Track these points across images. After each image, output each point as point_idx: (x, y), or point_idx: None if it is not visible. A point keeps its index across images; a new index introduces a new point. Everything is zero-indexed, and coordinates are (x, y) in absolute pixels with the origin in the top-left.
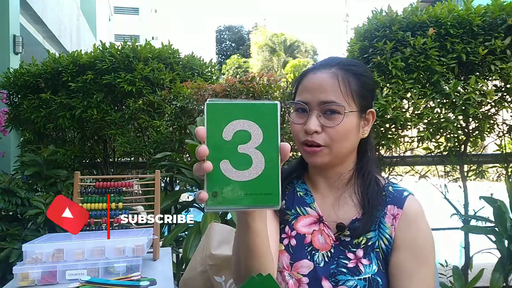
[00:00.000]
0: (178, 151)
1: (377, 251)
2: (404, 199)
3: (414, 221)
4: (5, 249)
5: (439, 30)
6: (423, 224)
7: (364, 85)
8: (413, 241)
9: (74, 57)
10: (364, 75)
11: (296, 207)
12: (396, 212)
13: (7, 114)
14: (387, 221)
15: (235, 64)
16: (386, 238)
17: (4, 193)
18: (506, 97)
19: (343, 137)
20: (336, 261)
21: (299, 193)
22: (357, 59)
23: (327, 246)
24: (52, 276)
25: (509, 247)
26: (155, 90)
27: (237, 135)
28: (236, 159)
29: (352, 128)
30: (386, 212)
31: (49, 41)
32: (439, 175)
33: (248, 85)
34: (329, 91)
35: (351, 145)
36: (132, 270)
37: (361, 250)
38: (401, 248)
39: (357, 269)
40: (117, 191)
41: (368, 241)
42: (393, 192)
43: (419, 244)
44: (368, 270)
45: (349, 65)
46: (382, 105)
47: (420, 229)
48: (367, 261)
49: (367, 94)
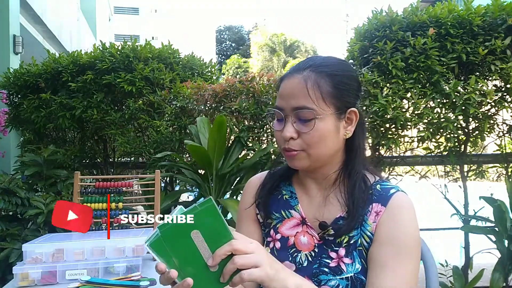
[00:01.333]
0: (178, 151)
1: (360, 250)
2: (390, 196)
3: (395, 215)
4: (5, 249)
5: (439, 30)
6: (405, 218)
7: (337, 84)
8: (391, 234)
9: (74, 57)
10: (337, 75)
11: (281, 210)
12: (380, 209)
13: (7, 114)
14: (370, 219)
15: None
16: (367, 235)
17: (4, 193)
18: (506, 97)
19: (319, 141)
20: (318, 261)
21: (284, 197)
22: (357, 59)
23: (311, 246)
24: (52, 276)
25: (509, 247)
26: (155, 90)
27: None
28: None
29: (328, 131)
30: (370, 210)
31: (49, 41)
32: (439, 175)
33: (248, 85)
34: (299, 96)
35: (330, 148)
36: (132, 270)
37: (343, 249)
38: (378, 240)
39: (339, 268)
40: (117, 191)
41: (350, 240)
42: (380, 191)
43: (397, 237)
44: (350, 269)
45: (321, 66)
46: (382, 105)
47: (401, 223)
48: (349, 260)
49: (343, 93)
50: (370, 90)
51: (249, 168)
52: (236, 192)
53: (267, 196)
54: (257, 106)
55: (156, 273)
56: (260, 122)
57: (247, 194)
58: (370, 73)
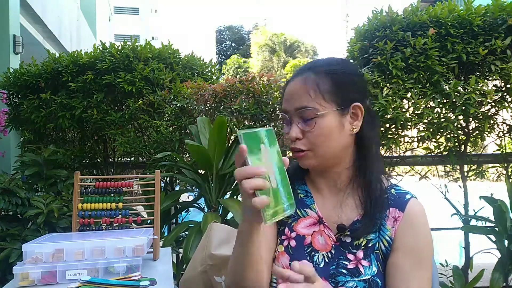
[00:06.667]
0: (178, 151)
1: (377, 253)
2: (406, 202)
3: (415, 223)
4: (5, 249)
5: (440, 30)
6: (423, 227)
7: (336, 81)
8: (413, 244)
9: (74, 57)
10: (336, 73)
11: (296, 209)
12: (398, 215)
13: (7, 114)
14: (388, 224)
15: (235, 64)
16: (386, 240)
17: (4, 193)
18: (506, 97)
19: (323, 138)
20: (336, 262)
21: (299, 195)
22: (357, 59)
23: (328, 247)
24: (52, 276)
25: (509, 247)
26: (155, 90)
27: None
28: (274, 177)
29: (330, 127)
30: (387, 215)
31: (49, 41)
32: (439, 175)
33: (248, 85)
34: (300, 97)
35: (337, 144)
36: (132, 270)
37: (361, 251)
38: (400, 249)
39: (357, 270)
40: (117, 191)
41: (368, 243)
42: (395, 195)
43: (418, 247)
44: (368, 271)
45: (321, 66)
46: (382, 105)
47: (421, 232)
48: (367, 262)
49: (343, 90)
50: (370, 90)
51: None
52: (236, 192)
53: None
54: (257, 106)
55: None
56: (260, 122)
57: None
58: (370, 73)
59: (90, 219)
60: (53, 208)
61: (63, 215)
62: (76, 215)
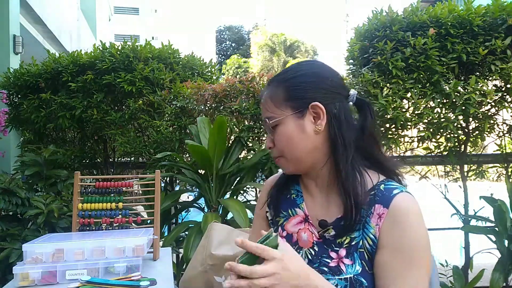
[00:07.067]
0: (178, 151)
1: (362, 251)
2: (392, 197)
3: (400, 220)
4: (5, 249)
5: (440, 30)
6: (411, 223)
7: (291, 87)
8: (400, 242)
9: (74, 57)
10: (289, 78)
11: (288, 209)
12: (382, 212)
13: (7, 114)
14: (372, 221)
15: (235, 64)
16: (370, 238)
17: (4, 193)
18: (506, 97)
19: (286, 143)
20: (319, 260)
21: (292, 196)
22: (357, 59)
23: (309, 243)
24: (52, 276)
25: (509, 247)
26: (155, 90)
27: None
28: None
29: (290, 132)
30: (373, 211)
31: (49, 41)
32: (439, 175)
33: (248, 85)
34: (264, 109)
35: (303, 147)
36: (132, 270)
37: (343, 249)
38: (386, 248)
39: (338, 268)
40: (117, 191)
41: (351, 241)
42: (383, 191)
43: (405, 244)
44: (350, 270)
45: (277, 76)
46: (382, 105)
47: (407, 228)
48: (349, 261)
49: (297, 93)
50: (370, 90)
51: (250, 168)
52: (236, 192)
53: (277, 195)
54: (257, 106)
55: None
56: (260, 122)
57: (261, 194)
58: (370, 73)
59: (90, 219)
60: (53, 208)
61: (63, 215)
62: (76, 215)
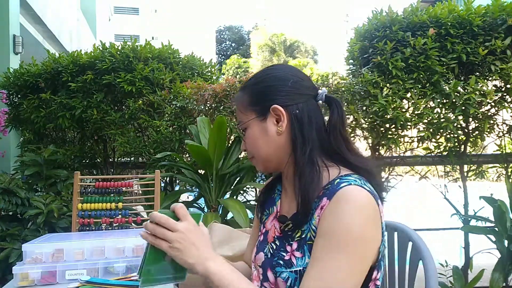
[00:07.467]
0: (178, 151)
1: (310, 244)
2: (338, 190)
3: (337, 208)
4: (5, 249)
5: (439, 31)
6: (346, 211)
7: (254, 92)
8: (328, 227)
9: (74, 57)
10: (253, 84)
11: (269, 207)
12: (324, 203)
13: (7, 114)
14: (316, 213)
15: (235, 64)
16: (313, 229)
17: (4, 193)
18: (506, 97)
19: (253, 145)
20: (278, 254)
21: (274, 195)
22: (357, 59)
23: (271, 238)
24: (52, 276)
25: (509, 247)
26: (155, 90)
27: None
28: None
29: (255, 134)
30: (319, 204)
31: (49, 41)
32: (439, 175)
33: None
34: (237, 115)
35: (267, 147)
36: (132, 270)
37: (295, 243)
38: (319, 234)
39: (290, 261)
40: (117, 191)
41: (302, 234)
42: (335, 185)
43: (335, 229)
44: (300, 262)
45: (246, 82)
46: (382, 105)
47: (341, 215)
48: (300, 254)
49: (259, 98)
50: (370, 90)
51: (249, 168)
52: (236, 192)
53: (264, 195)
54: None
55: None
56: None
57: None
58: (370, 73)
59: (90, 219)
60: (53, 208)
61: (63, 215)
62: (76, 215)
